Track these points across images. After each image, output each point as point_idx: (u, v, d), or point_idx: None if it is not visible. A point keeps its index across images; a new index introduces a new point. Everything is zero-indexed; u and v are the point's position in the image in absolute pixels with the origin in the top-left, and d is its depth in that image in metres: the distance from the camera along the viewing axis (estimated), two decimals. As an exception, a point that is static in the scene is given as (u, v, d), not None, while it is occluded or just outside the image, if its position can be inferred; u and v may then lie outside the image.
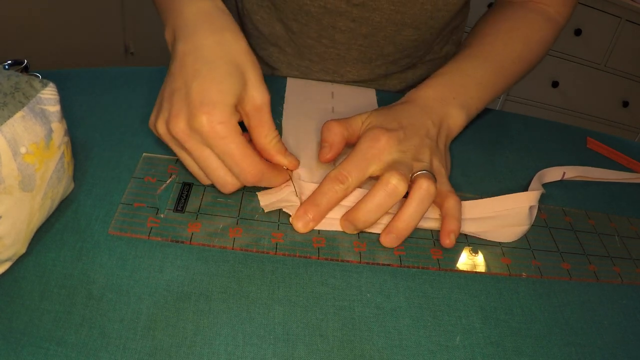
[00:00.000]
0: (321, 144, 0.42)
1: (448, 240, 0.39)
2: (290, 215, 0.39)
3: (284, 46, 0.59)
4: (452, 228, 0.39)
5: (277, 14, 0.56)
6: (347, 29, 0.54)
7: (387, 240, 0.38)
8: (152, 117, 0.39)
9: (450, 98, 0.46)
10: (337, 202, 0.39)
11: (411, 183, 0.38)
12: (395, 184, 0.36)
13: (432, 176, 0.38)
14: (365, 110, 0.45)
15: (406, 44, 0.56)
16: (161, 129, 0.38)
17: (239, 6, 0.60)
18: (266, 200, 0.40)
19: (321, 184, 0.39)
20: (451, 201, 0.40)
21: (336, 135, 0.42)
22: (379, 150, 0.39)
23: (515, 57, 0.51)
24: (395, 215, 0.38)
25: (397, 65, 0.60)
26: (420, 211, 0.37)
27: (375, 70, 0.59)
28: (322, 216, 0.39)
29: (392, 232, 0.38)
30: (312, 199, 0.38)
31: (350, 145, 0.42)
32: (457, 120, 0.46)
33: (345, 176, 0.38)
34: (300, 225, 0.38)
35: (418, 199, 0.37)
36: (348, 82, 0.60)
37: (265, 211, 0.39)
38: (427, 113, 0.44)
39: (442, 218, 0.40)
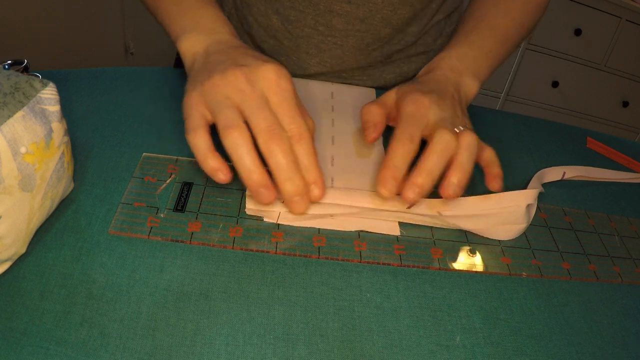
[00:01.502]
0: (364, 126, 0.44)
1: (496, 184, 0.41)
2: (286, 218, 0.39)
3: (281, 39, 0.59)
4: (497, 172, 0.42)
5: (273, 5, 0.56)
6: (344, 13, 0.54)
7: (450, 190, 0.38)
8: (188, 96, 0.39)
9: (462, 69, 0.49)
10: (410, 163, 0.39)
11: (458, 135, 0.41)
12: (448, 138, 0.39)
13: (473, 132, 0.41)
14: None
15: (402, 21, 0.58)
16: (217, 80, 0.38)
17: (237, 1, 0.60)
18: (252, 205, 0.39)
19: (392, 149, 0.39)
20: (487, 151, 0.43)
21: (377, 115, 0.44)
22: (425, 110, 0.42)
23: (516, 25, 0.55)
24: (451, 167, 0.39)
25: (391, 44, 0.60)
26: (471, 160, 0.40)
27: (372, 54, 0.60)
28: (402, 178, 0.38)
29: (454, 178, 0.38)
30: (389, 163, 0.38)
31: (389, 118, 0.45)
32: (471, 87, 0.50)
33: (411, 136, 0.39)
34: (384, 191, 0.38)
35: (467, 149, 0.40)
36: (346, 70, 0.60)
37: (247, 213, 0.39)
38: (445, 82, 0.47)
39: (485, 166, 0.43)
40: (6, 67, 0.40)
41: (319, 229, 0.39)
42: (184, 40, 0.44)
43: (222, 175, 0.36)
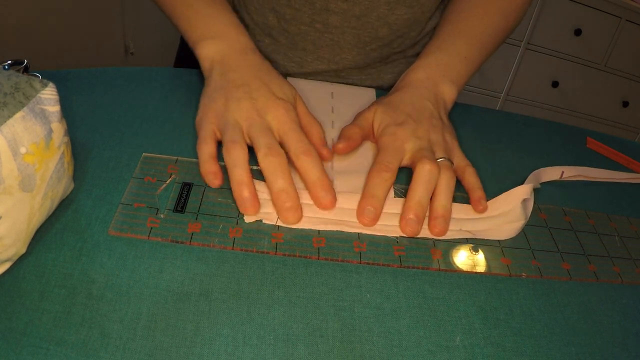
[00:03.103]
0: (339, 139, 0.45)
1: (481, 207, 0.43)
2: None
3: (277, 36, 0.59)
4: (480, 195, 0.43)
5: (269, 3, 0.56)
6: (340, 11, 0.55)
7: (437, 227, 0.40)
8: (203, 112, 0.44)
9: (439, 76, 0.50)
10: (389, 190, 0.41)
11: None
12: (429, 168, 0.41)
13: (449, 161, 0.43)
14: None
15: (400, 23, 0.57)
16: (227, 107, 0.42)
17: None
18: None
19: (369, 179, 0.41)
20: (469, 175, 0.44)
21: (354, 133, 0.45)
22: (401, 141, 0.44)
23: (494, 29, 0.55)
24: (431, 205, 0.41)
25: (391, 47, 0.60)
26: (449, 197, 0.41)
27: (370, 54, 0.60)
28: (382, 206, 0.40)
29: (438, 217, 0.40)
30: (368, 192, 0.40)
31: (366, 139, 0.47)
32: (449, 94, 0.51)
33: (387, 165, 0.41)
34: (366, 221, 0.40)
35: (445, 188, 0.41)
36: (344, 69, 0.60)
37: (246, 221, 0.39)
38: (422, 95, 0.49)
39: (468, 191, 0.44)
40: (6, 67, 0.40)
41: (318, 230, 0.39)
42: (202, 47, 0.48)
43: (213, 178, 0.40)
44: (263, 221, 0.39)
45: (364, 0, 0.54)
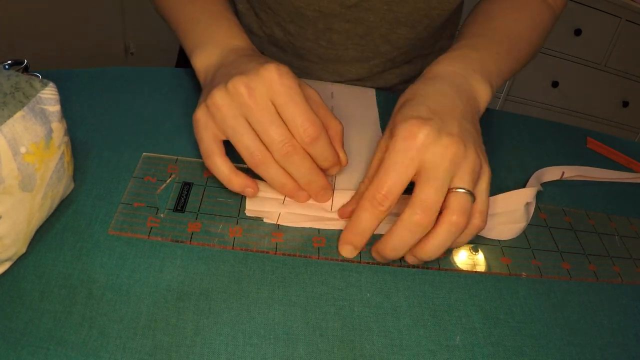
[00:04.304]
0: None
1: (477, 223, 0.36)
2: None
3: (283, 47, 0.60)
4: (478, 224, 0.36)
5: (275, 18, 0.56)
6: (343, 30, 0.55)
7: (409, 260, 0.37)
8: (198, 109, 0.38)
9: (471, 71, 0.42)
10: (379, 224, 0.35)
11: (446, 197, 0.34)
12: (428, 205, 0.33)
13: (469, 195, 0.34)
14: (365, 110, 0.46)
15: (402, 42, 0.57)
16: (219, 97, 0.36)
17: (237, 8, 0.60)
18: (252, 206, 0.39)
19: (360, 208, 0.35)
20: (476, 221, 0.36)
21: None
22: (416, 150, 0.34)
23: (524, 37, 0.49)
24: (422, 241, 0.35)
25: (394, 62, 0.61)
26: (448, 243, 0.34)
27: (374, 68, 0.61)
28: (367, 241, 0.36)
29: (417, 256, 0.36)
30: (354, 226, 0.36)
31: None
32: (483, 95, 0.42)
33: (384, 198, 0.34)
34: (347, 253, 0.37)
35: (447, 230, 0.34)
36: (348, 81, 0.61)
37: (247, 215, 0.39)
38: (454, 91, 0.39)
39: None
40: (6, 67, 0.40)
41: (318, 229, 0.39)
42: (196, 57, 0.43)
43: (250, 190, 0.38)
44: (264, 220, 0.39)
45: (365, 21, 0.54)
